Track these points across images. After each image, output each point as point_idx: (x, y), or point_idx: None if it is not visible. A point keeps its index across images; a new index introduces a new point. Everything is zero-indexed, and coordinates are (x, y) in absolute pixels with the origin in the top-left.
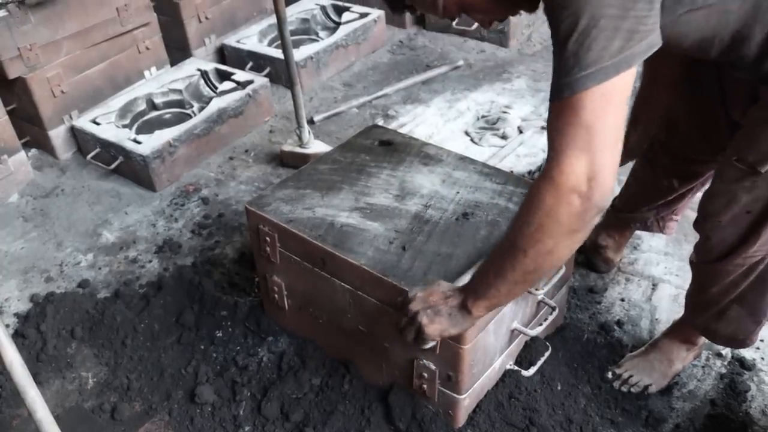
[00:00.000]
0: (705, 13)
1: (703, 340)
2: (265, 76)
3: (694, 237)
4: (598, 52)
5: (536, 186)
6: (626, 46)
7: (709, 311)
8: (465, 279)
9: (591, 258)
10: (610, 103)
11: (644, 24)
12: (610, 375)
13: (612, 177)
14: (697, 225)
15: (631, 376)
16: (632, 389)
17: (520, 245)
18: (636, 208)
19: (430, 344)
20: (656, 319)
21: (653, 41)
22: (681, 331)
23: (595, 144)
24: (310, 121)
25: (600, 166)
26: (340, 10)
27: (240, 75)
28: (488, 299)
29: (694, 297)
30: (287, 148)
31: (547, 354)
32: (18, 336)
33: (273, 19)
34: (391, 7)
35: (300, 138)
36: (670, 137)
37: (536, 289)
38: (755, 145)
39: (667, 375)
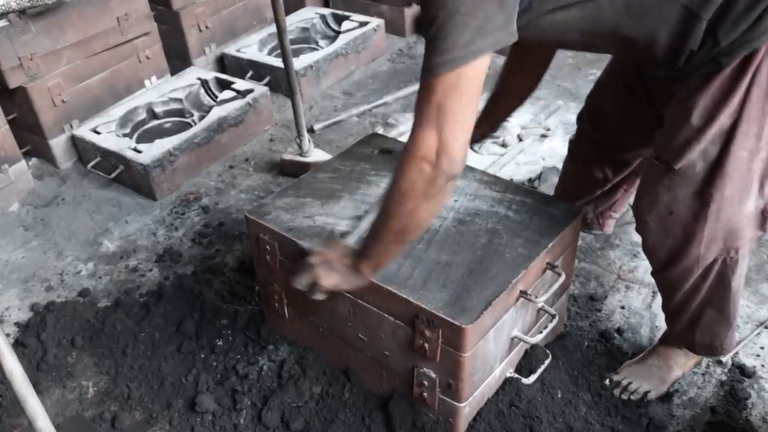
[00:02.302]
0: (578, 9)
1: None
2: (265, 85)
3: None
4: (450, 43)
5: (400, 155)
6: (474, 41)
7: (681, 320)
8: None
9: None
10: (458, 87)
11: (492, 23)
12: (608, 382)
13: (460, 151)
14: (636, 228)
15: (630, 383)
16: (632, 396)
17: (388, 208)
18: (572, 199)
19: (320, 295)
20: (656, 327)
21: (500, 38)
22: None
23: (443, 121)
24: (310, 130)
25: (447, 140)
26: (339, 19)
27: (240, 84)
28: (371, 259)
29: (665, 308)
30: (287, 156)
31: (547, 362)
32: (18, 345)
33: (273, 28)
34: None
35: (300, 147)
36: (597, 130)
37: (536, 297)
38: (669, 140)
39: (666, 381)
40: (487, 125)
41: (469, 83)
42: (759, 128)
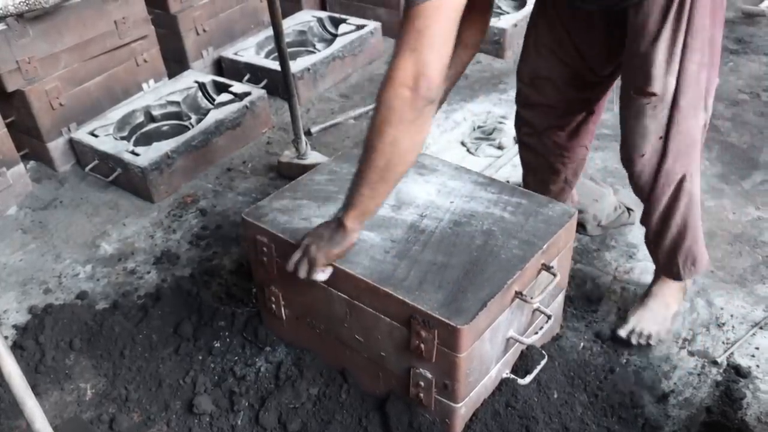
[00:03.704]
0: None
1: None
2: (263, 87)
3: None
4: None
5: (379, 87)
6: None
7: (661, 249)
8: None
9: None
10: (439, 13)
11: None
12: (624, 334)
13: (438, 74)
14: (627, 171)
15: (642, 329)
16: (649, 341)
17: (370, 143)
18: (545, 187)
19: (320, 275)
20: None
21: None
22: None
23: (422, 46)
24: (307, 133)
25: (425, 63)
26: (336, 22)
27: (237, 87)
28: (357, 207)
29: (647, 240)
30: (284, 159)
31: (543, 362)
32: (16, 347)
33: (270, 32)
34: None
35: (297, 149)
36: (538, 93)
37: (531, 298)
38: (647, 72)
39: (668, 318)
40: (446, 83)
41: (449, 9)
42: (702, 41)
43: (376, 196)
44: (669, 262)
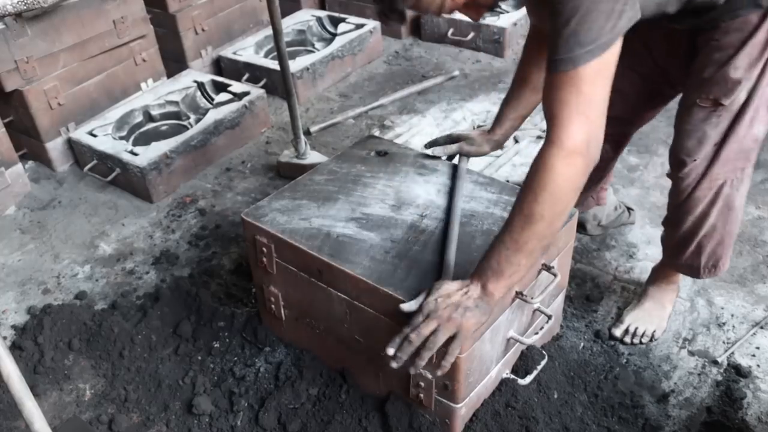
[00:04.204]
0: None
1: (679, 277)
2: (262, 87)
3: None
4: (596, 32)
5: (545, 154)
6: (617, 24)
7: (687, 249)
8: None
9: None
10: (602, 74)
11: (627, 3)
12: (618, 333)
13: (602, 138)
14: (673, 173)
15: (636, 328)
16: (642, 339)
17: (538, 212)
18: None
19: (451, 358)
20: None
21: (633, 16)
22: (663, 275)
23: (591, 110)
24: (307, 132)
25: (596, 129)
26: (336, 21)
27: (236, 86)
28: (509, 277)
29: (671, 239)
30: (284, 159)
31: (543, 363)
32: (15, 348)
33: (269, 31)
34: (387, 15)
35: (296, 149)
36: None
37: (532, 298)
38: (719, 83)
39: (664, 319)
40: (510, 124)
41: (610, 66)
42: None
43: (533, 264)
44: (691, 262)
